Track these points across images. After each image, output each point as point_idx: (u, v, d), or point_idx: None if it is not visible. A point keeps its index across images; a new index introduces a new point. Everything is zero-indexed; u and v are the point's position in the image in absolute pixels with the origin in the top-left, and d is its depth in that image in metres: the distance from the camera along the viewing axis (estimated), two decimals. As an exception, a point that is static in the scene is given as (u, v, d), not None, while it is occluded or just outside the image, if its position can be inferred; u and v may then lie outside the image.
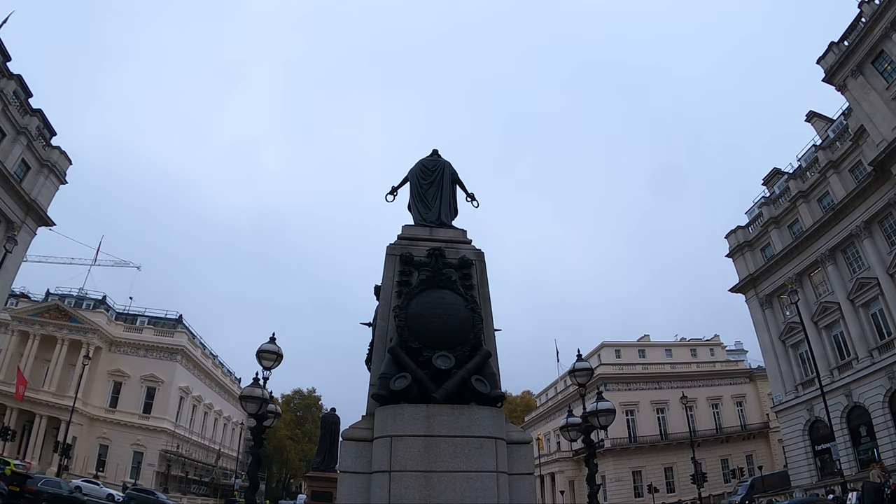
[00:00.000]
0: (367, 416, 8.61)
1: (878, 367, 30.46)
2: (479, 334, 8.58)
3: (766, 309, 39.83)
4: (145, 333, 58.00)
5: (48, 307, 53.03)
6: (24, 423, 47.78)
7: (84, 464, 49.05)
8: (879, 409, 30.00)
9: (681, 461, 51.25)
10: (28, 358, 49.48)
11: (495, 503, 7.51)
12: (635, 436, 54.70)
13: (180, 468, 56.72)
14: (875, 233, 31.33)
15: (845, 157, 33.61)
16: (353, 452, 8.15)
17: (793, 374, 37.61)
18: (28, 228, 35.35)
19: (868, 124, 30.11)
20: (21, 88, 35.29)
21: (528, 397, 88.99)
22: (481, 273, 9.58)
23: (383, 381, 8.09)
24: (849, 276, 33.38)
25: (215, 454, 66.04)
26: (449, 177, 10.52)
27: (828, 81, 32.36)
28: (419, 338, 8.26)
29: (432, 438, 7.54)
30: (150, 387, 55.18)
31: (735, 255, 42.60)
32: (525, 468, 8.65)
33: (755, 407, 59.27)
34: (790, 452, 37.73)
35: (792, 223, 38.11)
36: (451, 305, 8.61)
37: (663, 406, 56.33)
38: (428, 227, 10.03)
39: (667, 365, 60.21)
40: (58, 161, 37.42)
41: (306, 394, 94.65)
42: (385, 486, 7.46)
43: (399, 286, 9.07)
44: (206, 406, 65.16)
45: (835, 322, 34.38)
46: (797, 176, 38.17)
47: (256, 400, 10.38)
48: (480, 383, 7.99)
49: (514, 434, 8.63)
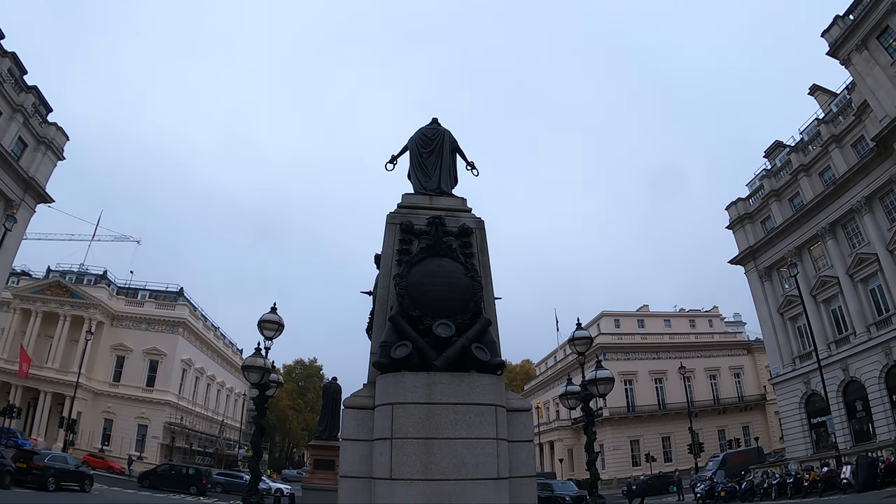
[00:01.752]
0: (369, 384, 8.67)
1: (876, 342, 30.63)
2: (480, 302, 8.59)
3: (766, 281, 39.94)
4: (147, 307, 58.30)
5: (49, 284, 53.29)
6: (29, 400, 48.34)
7: (89, 438, 49.79)
8: (875, 384, 30.24)
9: (678, 431, 51.97)
10: (31, 335, 49.88)
11: (495, 470, 7.61)
12: (633, 405, 55.41)
13: (184, 440, 57.54)
14: (876, 208, 31.25)
15: (848, 131, 33.37)
16: (354, 420, 8.23)
17: (790, 347, 37.87)
18: (27, 206, 35.30)
19: (871, 99, 29.85)
20: (15, 66, 35.08)
21: (527, 366, 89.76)
22: (481, 241, 9.56)
23: (384, 350, 8.13)
24: (848, 251, 33.39)
25: (219, 425, 66.86)
26: (449, 145, 10.42)
27: (832, 55, 31.93)
28: (419, 306, 8.27)
29: (433, 406, 7.59)
30: (152, 360, 55.67)
31: (735, 226, 42.56)
32: (525, 435, 8.73)
33: (753, 379, 59.90)
34: (786, 425, 38.18)
35: (793, 196, 37.98)
36: (451, 274, 8.60)
37: (661, 376, 56.96)
38: (428, 196, 9.97)
39: (665, 335, 60.71)
40: (55, 137, 37.19)
41: (308, 364, 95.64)
42: (386, 453, 7.53)
43: (399, 255, 9.06)
44: (208, 378, 65.82)
45: (833, 296, 34.49)
46: (799, 149, 37.93)
47: (259, 370, 10.45)
48: (481, 351, 8.02)
49: (513, 401, 8.69)
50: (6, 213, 30.44)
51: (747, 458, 38.63)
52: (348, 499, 7.90)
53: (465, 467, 7.39)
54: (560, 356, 67.55)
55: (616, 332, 59.92)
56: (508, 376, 66.31)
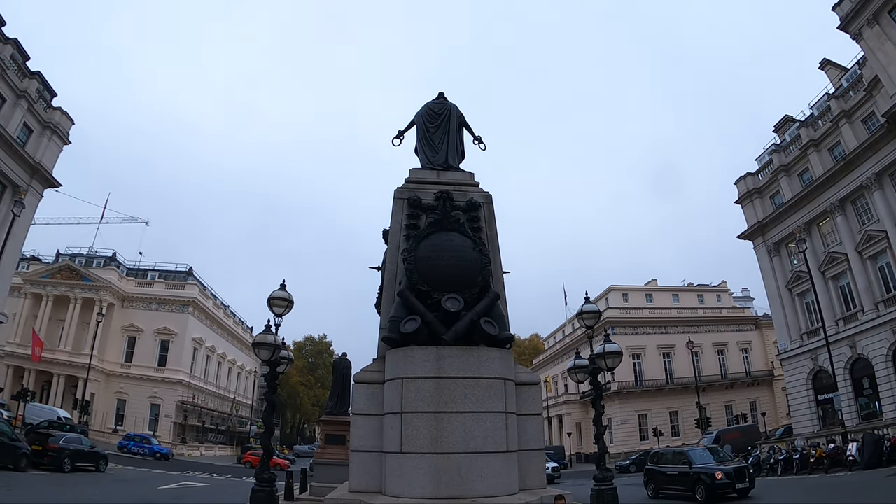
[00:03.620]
0: (378, 359, 8.74)
1: (884, 320, 30.46)
2: (488, 276, 8.61)
3: (774, 257, 39.72)
4: (156, 287, 58.75)
5: (59, 268, 53.73)
6: (43, 383, 49.07)
7: (103, 419, 50.59)
8: (883, 362, 30.13)
9: (686, 405, 52.19)
10: (42, 319, 50.44)
11: (504, 443, 7.70)
12: (641, 379, 55.62)
13: (197, 418, 58.41)
14: (886, 185, 30.86)
15: (858, 106, 32.81)
16: (365, 395, 8.32)
17: (798, 323, 37.75)
18: (34, 191, 35.41)
19: (883, 75, 29.27)
20: (18, 52, 34.99)
21: (536, 340, 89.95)
22: (489, 215, 9.55)
23: (393, 324, 8.17)
24: (857, 228, 33.05)
25: (230, 403, 67.76)
26: (456, 119, 10.37)
27: (843, 29, 31.24)
28: (428, 280, 8.30)
29: (442, 380, 7.65)
30: (163, 340, 56.25)
31: (744, 201, 42.19)
32: (533, 409, 8.81)
33: (760, 354, 59.93)
34: (793, 400, 38.23)
35: (802, 171, 37.55)
36: (459, 248, 8.62)
37: (669, 350, 57.07)
38: (435, 170, 9.95)
39: (673, 310, 60.63)
40: (60, 122, 37.17)
41: (318, 340, 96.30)
42: (397, 426, 7.63)
43: (407, 229, 9.08)
44: (219, 356, 66.47)
45: (842, 273, 34.24)
46: (809, 124, 37.39)
47: (269, 346, 10.52)
48: (489, 325, 8.05)
49: (522, 375, 8.75)
50: (14, 199, 30.56)
51: (742, 435, 38.54)
52: (359, 473, 8.03)
53: (475, 441, 7.48)
54: (568, 330, 67.66)
55: (624, 306, 59.75)
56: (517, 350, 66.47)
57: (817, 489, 18.91)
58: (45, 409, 38.74)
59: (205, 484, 24.97)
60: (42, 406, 40.34)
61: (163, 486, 21.58)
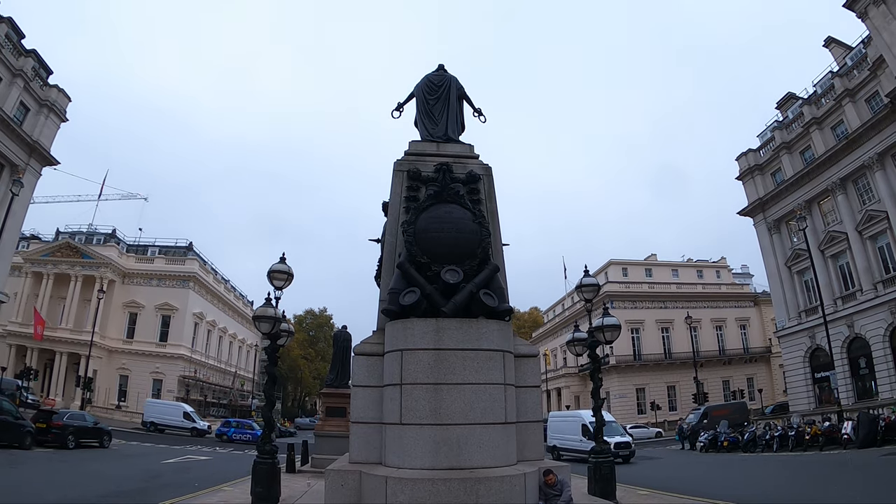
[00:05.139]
0: (378, 331, 8.78)
1: (882, 300, 30.59)
2: (487, 248, 8.60)
3: (774, 234, 39.69)
4: (157, 263, 58.73)
5: (59, 246, 53.65)
6: (45, 361, 49.33)
7: (106, 395, 50.98)
8: (880, 342, 30.33)
9: (683, 380, 52.67)
10: (44, 298, 50.51)
11: (503, 414, 7.77)
12: (640, 354, 55.99)
13: (199, 392, 58.87)
14: (888, 165, 30.73)
15: (862, 86, 32.49)
16: (364, 367, 8.38)
17: (797, 301, 37.87)
18: (32, 170, 35.36)
19: (888, 55, 28.92)
20: (13, 30, 34.80)
21: (535, 314, 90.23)
22: (489, 188, 9.52)
23: (393, 296, 8.19)
24: (858, 207, 32.98)
25: (232, 377, 68.29)
26: (455, 92, 10.27)
27: (848, 7, 30.76)
28: (427, 252, 8.30)
29: (442, 352, 7.69)
30: (164, 315, 56.44)
31: (745, 177, 42.03)
32: (532, 381, 8.88)
33: (758, 331, 60.21)
34: (790, 378, 38.53)
35: (804, 149, 37.32)
36: (458, 220, 8.61)
37: (668, 325, 57.36)
38: (435, 143, 9.89)
39: (673, 285, 60.70)
40: (56, 99, 36.95)
41: (318, 313, 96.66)
42: (397, 398, 7.70)
43: (407, 202, 9.06)
44: (220, 330, 66.77)
45: (841, 252, 34.26)
46: (812, 102, 37.07)
47: (269, 319, 10.53)
48: (489, 297, 8.06)
49: (521, 347, 8.80)
50: (13, 179, 30.60)
51: (729, 412, 38.67)
52: (360, 444, 8.12)
53: (474, 412, 7.55)
54: (568, 304, 67.89)
55: (624, 280, 59.88)
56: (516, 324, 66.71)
57: (798, 467, 19.06)
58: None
59: (207, 457, 25.27)
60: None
61: (166, 461, 21.82)
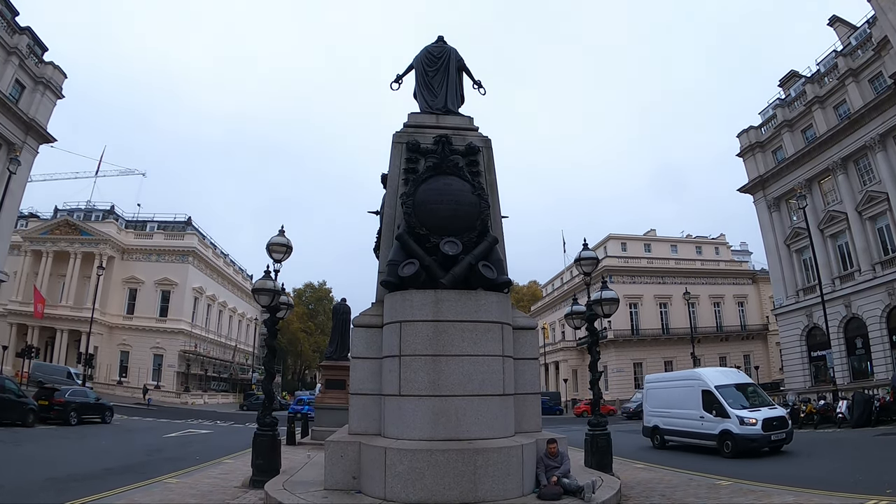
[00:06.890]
0: (377, 303, 8.80)
1: (880, 281, 30.66)
2: (486, 220, 8.60)
3: (774, 212, 39.61)
4: (156, 239, 58.68)
5: (58, 223, 53.56)
6: (47, 339, 49.59)
7: (107, 371, 51.39)
8: (876, 323, 30.45)
9: (681, 356, 52.91)
10: (43, 276, 50.57)
11: (501, 386, 7.83)
12: (638, 328, 56.36)
13: (199, 367, 59.33)
14: (889, 147, 30.52)
15: (866, 66, 32.11)
16: (363, 339, 8.42)
17: (795, 279, 37.93)
18: (30, 148, 35.18)
19: (892, 35, 28.53)
20: (7, 8, 34.42)
21: (534, 287, 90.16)
22: (488, 160, 9.47)
23: (392, 268, 8.19)
24: (859, 188, 32.83)
25: (232, 351, 68.72)
26: (455, 63, 10.16)
27: (854, -13, 30.42)
28: (426, 224, 8.29)
29: (440, 323, 7.72)
30: (164, 290, 56.54)
31: (746, 154, 41.79)
32: (530, 353, 8.94)
33: (756, 309, 60.47)
34: (786, 356, 38.76)
35: (806, 128, 37.05)
36: (458, 192, 8.59)
37: (666, 301, 57.58)
38: (434, 115, 9.81)
39: (671, 261, 60.72)
40: (52, 76, 36.63)
41: (317, 287, 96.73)
42: (395, 370, 7.75)
43: (406, 173, 9.03)
44: (220, 304, 66.98)
45: (841, 232, 34.22)
46: (815, 80, 36.67)
47: (269, 292, 10.54)
48: (487, 269, 8.07)
49: (519, 320, 8.83)
50: (10, 157, 30.40)
51: None
52: (359, 416, 8.19)
53: (472, 383, 7.60)
54: (566, 277, 67.99)
55: (622, 255, 59.86)
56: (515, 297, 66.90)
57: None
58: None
59: (208, 431, 25.56)
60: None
61: (168, 435, 22.06)
